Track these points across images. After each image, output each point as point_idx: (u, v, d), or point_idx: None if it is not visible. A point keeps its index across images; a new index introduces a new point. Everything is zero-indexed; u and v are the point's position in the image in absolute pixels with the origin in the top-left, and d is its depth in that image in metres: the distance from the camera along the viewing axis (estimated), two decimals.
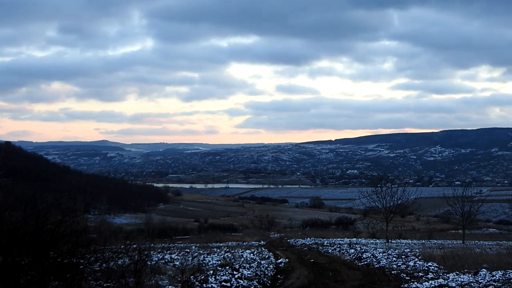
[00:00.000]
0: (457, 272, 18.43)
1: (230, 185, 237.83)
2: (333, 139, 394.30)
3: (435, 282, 17.02)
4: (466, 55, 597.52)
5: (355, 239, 42.16)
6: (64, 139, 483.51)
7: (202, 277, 17.62)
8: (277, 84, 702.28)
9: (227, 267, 20.53)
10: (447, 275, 18.07)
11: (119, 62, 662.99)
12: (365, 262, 23.48)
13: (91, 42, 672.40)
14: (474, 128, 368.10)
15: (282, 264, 23.94)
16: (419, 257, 23.43)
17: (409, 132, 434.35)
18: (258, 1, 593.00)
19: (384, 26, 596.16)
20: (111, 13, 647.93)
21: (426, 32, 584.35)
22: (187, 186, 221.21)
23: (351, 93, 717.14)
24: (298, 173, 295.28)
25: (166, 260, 23.25)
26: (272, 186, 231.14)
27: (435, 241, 41.06)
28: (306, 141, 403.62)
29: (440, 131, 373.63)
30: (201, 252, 28.74)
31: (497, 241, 40.41)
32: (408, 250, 27.85)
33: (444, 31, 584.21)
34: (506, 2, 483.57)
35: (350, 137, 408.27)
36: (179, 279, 16.67)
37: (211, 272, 18.98)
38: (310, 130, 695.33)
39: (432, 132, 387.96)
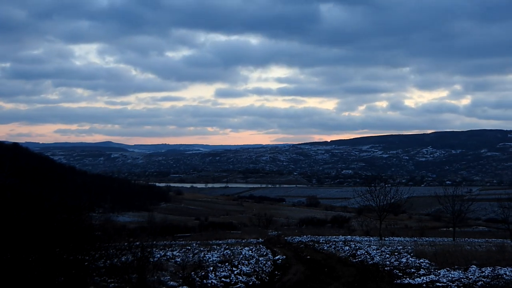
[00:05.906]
0: (448, 269, 18.92)
1: (230, 185, 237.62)
2: (329, 140, 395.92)
3: (426, 278, 17.50)
4: None
5: (349, 236, 42.63)
6: (69, 140, 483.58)
7: (203, 273, 18.13)
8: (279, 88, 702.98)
9: (227, 264, 21.04)
10: (438, 271, 18.56)
11: None
12: (359, 259, 23.97)
13: None
14: (465, 130, 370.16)
15: (280, 260, 24.31)
16: (411, 254, 23.96)
17: (402, 133, 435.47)
18: None
19: None
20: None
21: None
22: (188, 185, 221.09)
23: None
24: (295, 173, 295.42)
25: (168, 257, 23.69)
26: (270, 186, 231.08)
27: (427, 238, 41.64)
28: (303, 142, 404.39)
29: (432, 133, 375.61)
30: (202, 249, 29.22)
31: (486, 239, 41.10)
32: (401, 247, 28.40)
33: None
34: None
35: (345, 139, 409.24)
36: (180, 275, 17.16)
37: (211, 268, 19.51)
38: (307, 131, 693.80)
39: (424, 133, 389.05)
